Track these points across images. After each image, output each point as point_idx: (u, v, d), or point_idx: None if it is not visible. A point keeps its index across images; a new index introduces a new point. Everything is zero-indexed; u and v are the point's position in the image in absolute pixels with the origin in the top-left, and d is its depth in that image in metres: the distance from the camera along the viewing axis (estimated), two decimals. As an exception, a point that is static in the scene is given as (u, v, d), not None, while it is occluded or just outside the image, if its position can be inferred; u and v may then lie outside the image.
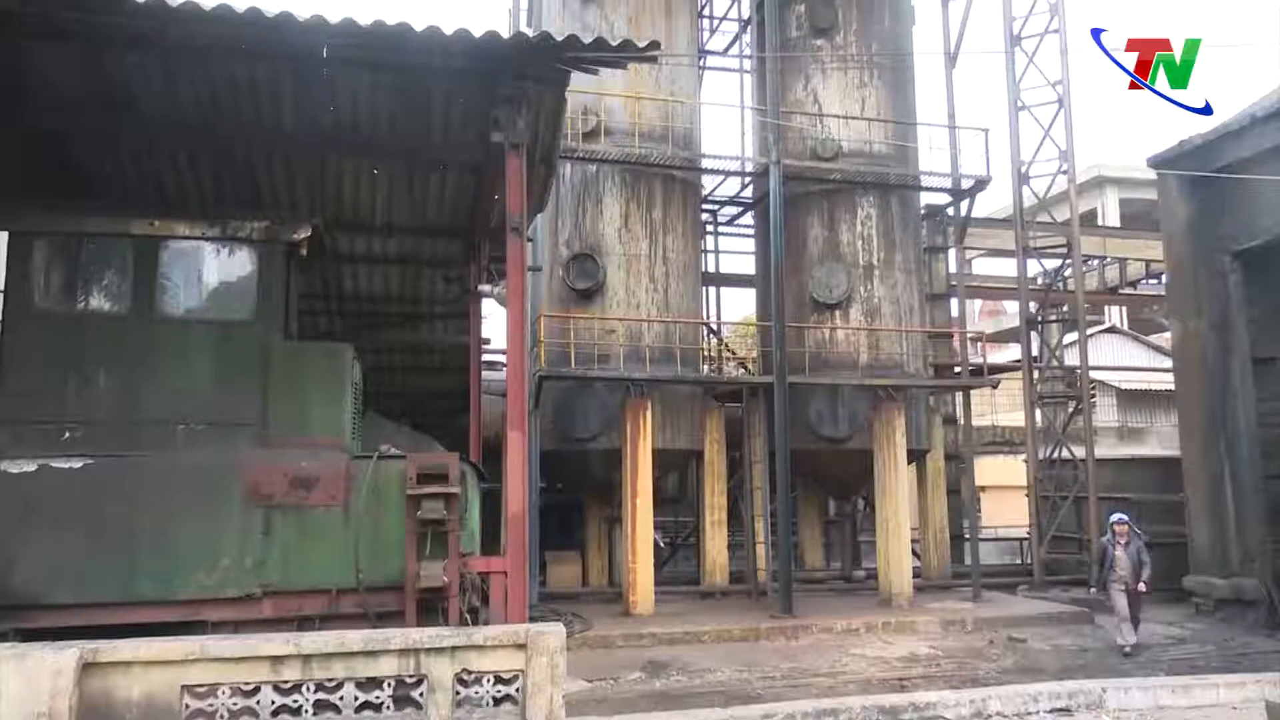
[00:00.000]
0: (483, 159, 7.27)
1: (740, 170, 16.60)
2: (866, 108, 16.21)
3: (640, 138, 14.96)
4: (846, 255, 15.83)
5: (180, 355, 6.27)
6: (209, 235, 6.47)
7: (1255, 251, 13.35)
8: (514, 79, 6.24)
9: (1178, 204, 14.76)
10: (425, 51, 5.93)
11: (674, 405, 14.94)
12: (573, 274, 14.91)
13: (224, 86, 6.53)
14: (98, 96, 6.56)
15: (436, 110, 6.99)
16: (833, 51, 16.39)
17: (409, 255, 9.96)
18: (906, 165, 16.37)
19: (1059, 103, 17.28)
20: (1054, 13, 17.25)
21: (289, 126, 7.08)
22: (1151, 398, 24.06)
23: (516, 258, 6.33)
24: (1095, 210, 31.62)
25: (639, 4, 15.61)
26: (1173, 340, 16.01)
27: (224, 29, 5.45)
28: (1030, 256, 18.23)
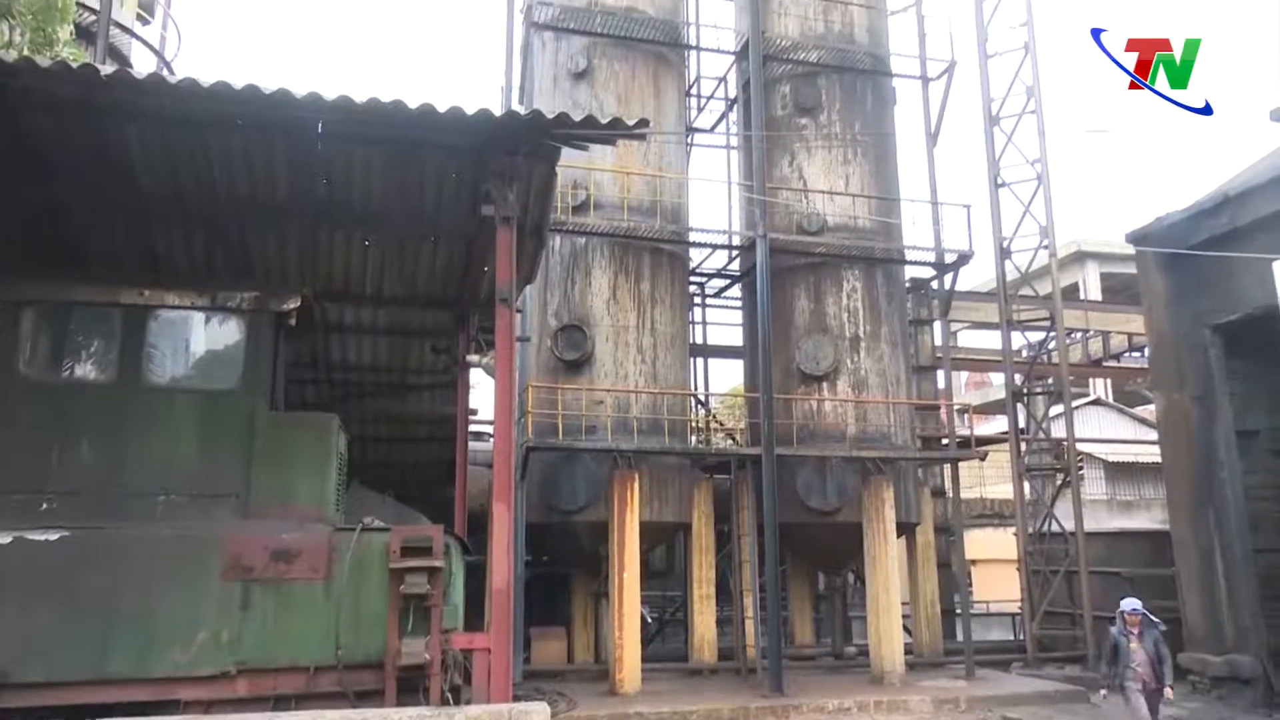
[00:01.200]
0: (473, 231, 7.36)
1: (728, 244, 16.83)
2: (851, 184, 16.55)
3: (629, 211, 15.19)
4: (833, 328, 15.96)
5: (165, 425, 6.22)
6: (198, 305, 6.48)
7: (1234, 325, 13.53)
8: (505, 154, 6.36)
9: (1157, 278, 15.01)
10: (419, 127, 6.05)
11: (662, 477, 14.85)
12: (561, 345, 14.96)
13: (220, 159, 6.63)
14: (96, 167, 6.64)
15: (429, 183, 7.11)
16: (817, 130, 16.80)
17: (398, 325, 9.99)
18: (891, 240, 16.65)
19: (1038, 180, 17.69)
20: (1030, 94, 17.78)
21: (283, 198, 7.17)
22: (1139, 470, 24.10)
23: (505, 329, 6.36)
24: (1077, 284, 32.12)
25: (628, 83, 16.02)
26: (1157, 413, 16.10)
27: (222, 105, 5.56)
28: (1014, 329, 18.43)
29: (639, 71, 16.19)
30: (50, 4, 8.01)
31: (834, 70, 17.00)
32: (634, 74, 16.12)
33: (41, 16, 7.99)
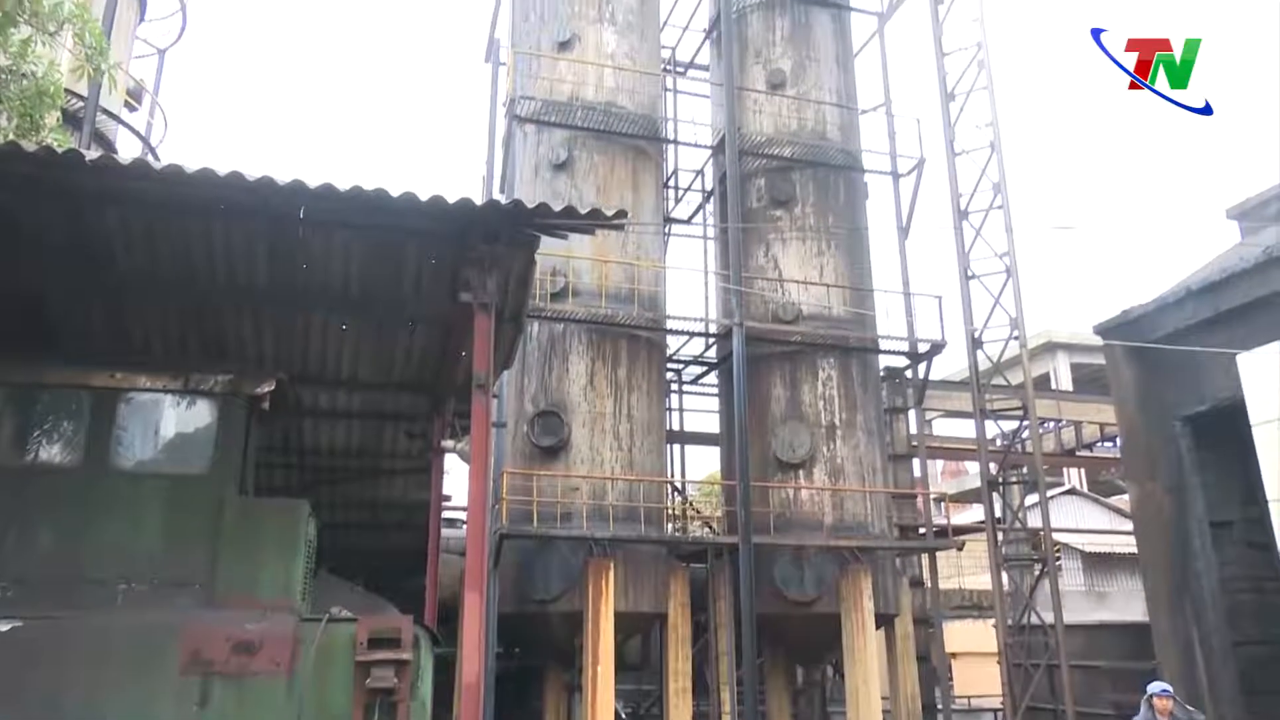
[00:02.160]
0: (451, 317, 7.38)
1: (704, 331, 17.01)
2: (825, 274, 16.88)
3: (607, 299, 15.35)
4: (809, 415, 16.03)
5: (129, 510, 6.07)
6: (170, 388, 6.41)
7: (1203, 416, 13.70)
8: (485, 242, 6.43)
9: (1125, 370, 15.25)
10: (401, 214, 6.12)
11: (637, 566, 14.62)
12: (537, 431, 14.89)
13: (201, 243, 6.65)
14: (74, 250, 6.64)
15: (408, 269, 7.15)
16: (791, 222, 17.21)
17: (373, 410, 9.91)
18: (865, 329, 16.90)
19: (1007, 273, 18.10)
20: (997, 190, 18.35)
21: (262, 283, 7.18)
22: (1116, 561, 24.03)
23: (481, 415, 6.33)
24: (1048, 374, 32.59)
25: (608, 174, 16.40)
26: (1132, 503, 16.15)
27: (205, 190, 5.61)
28: (988, 418, 18.58)
29: (618, 164, 16.60)
30: (40, 90, 8.13)
31: (807, 165, 17.53)
32: (613, 166, 16.52)
33: (30, 103, 8.10)
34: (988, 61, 18.50)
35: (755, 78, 18.21)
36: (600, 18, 17.30)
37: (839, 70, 18.81)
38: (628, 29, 17.52)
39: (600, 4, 17.38)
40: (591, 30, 17.17)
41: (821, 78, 18.40)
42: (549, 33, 17.18)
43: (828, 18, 19.01)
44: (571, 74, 16.80)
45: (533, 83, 16.71)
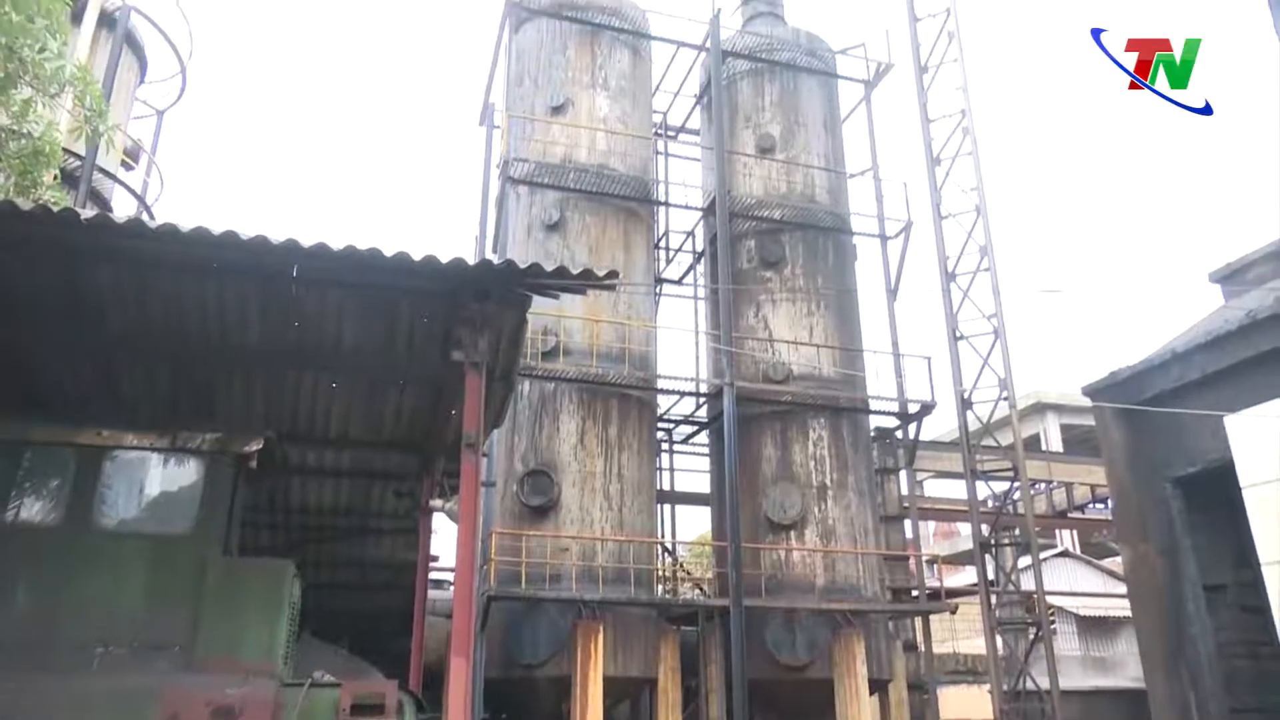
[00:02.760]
0: (442, 375, 7.39)
1: (695, 391, 17.04)
2: (815, 334, 16.99)
3: (598, 358, 15.39)
4: (800, 476, 15.98)
5: (110, 571, 5.98)
6: (157, 446, 6.37)
7: (1193, 478, 13.69)
8: (477, 301, 6.47)
9: (1115, 431, 15.27)
10: (394, 273, 6.17)
11: (627, 628, 14.39)
12: (527, 490, 14.78)
13: (193, 302, 6.67)
14: (66, 307, 6.65)
15: (400, 328, 7.18)
16: (781, 283, 17.38)
17: (361, 469, 9.85)
18: (855, 389, 16.95)
19: (995, 334, 18.24)
20: (983, 253, 18.59)
21: (253, 341, 7.19)
22: (1111, 625, 23.77)
23: (471, 475, 6.29)
24: (1038, 435, 32.63)
25: (600, 235, 16.58)
26: (1125, 566, 16.04)
27: (200, 249, 5.65)
28: (979, 479, 18.54)
29: (610, 224, 16.79)
30: (38, 150, 8.22)
31: (797, 227, 17.77)
32: (605, 227, 16.71)
33: (28, 162, 8.19)
34: (972, 128, 18.92)
35: (745, 142, 18.56)
36: (593, 83, 17.68)
37: (827, 135, 19.20)
38: (620, 94, 17.89)
39: (593, 70, 17.77)
40: (585, 95, 17.53)
41: (810, 142, 18.77)
42: (543, 97, 17.53)
43: (816, 84, 19.47)
44: (564, 137, 17.10)
45: (526, 145, 16.98)
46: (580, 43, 17.93)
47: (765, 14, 20.49)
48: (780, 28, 20.20)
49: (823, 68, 19.74)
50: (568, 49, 17.87)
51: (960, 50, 19.47)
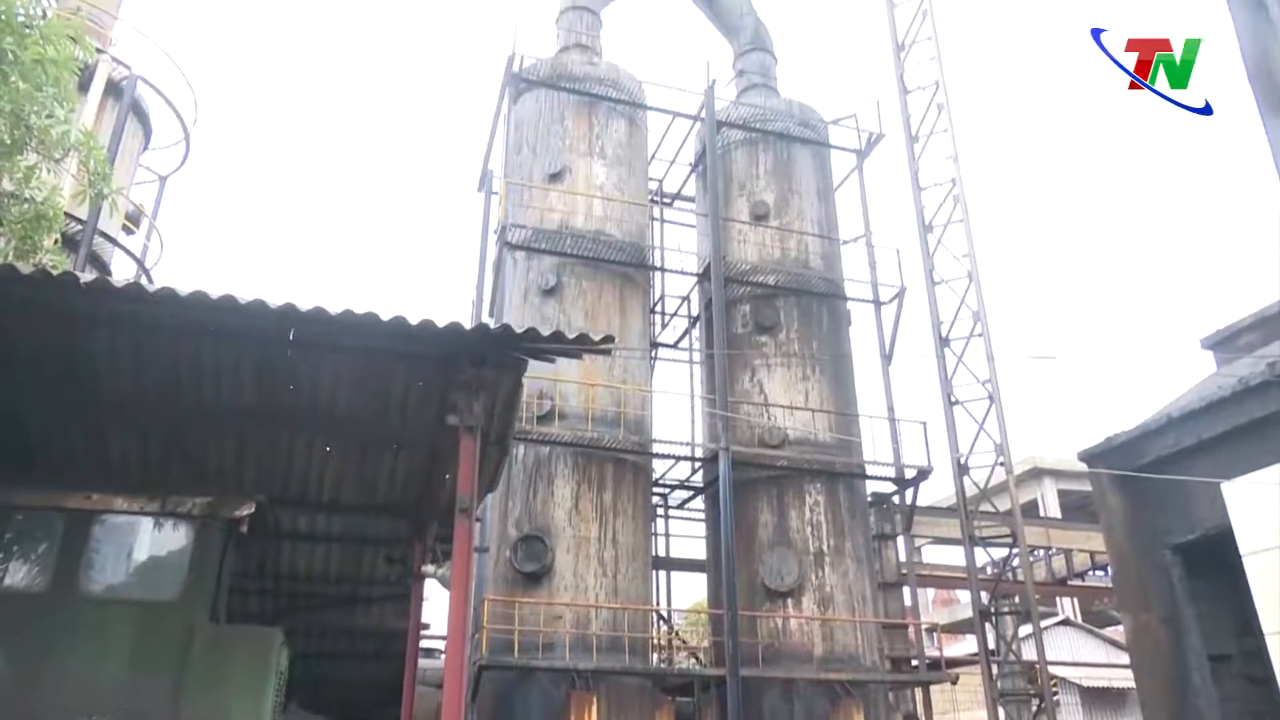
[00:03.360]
0: (437, 439, 7.36)
1: (690, 456, 16.96)
2: (810, 399, 16.99)
3: (593, 422, 15.35)
4: (796, 542, 15.82)
5: (96, 638, 5.86)
6: (147, 510, 6.31)
7: (1193, 545, 13.58)
8: (473, 365, 6.49)
9: (1113, 497, 15.19)
10: (390, 338, 6.19)
11: (621, 699, 14.07)
12: (520, 556, 14.60)
13: (189, 365, 6.68)
14: (61, 369, 6.65)
15: (395, 392, 7.18)
16: (776, 347, 17.45)
17: (353, 533, 9.73)
18: (851, 455, 16.89)
19: (990, 399, 18.26)
20: (977, 319, 18.72)
21: (247, 404, 7.17)
22: (1115, 696, 23.31)
23: (464, 541, 6.23)
24: (1036, 500, 32.43)
25: (596, 300, 16.69)
26: (1127, 636, 15.79)
27: (198, 313, 5.68)
28: (977, 545, 18.35)
29: (606, 289, 16.92)
30: (40, 215, 8.31)
31: (791, 292, 17.91)
32: (601, 292, 16.84)
33: (30, 226, 8.28)
34: (962, 196, 19.21)
35: (739, 209, 18.83)
36: (590, 151, 18.00)
37: (820, 202, 19.49)
38: (616, 162, 18.20)
39: (590, 139, 18.11)
40: (582, 163, 17.83)
41: (803, 209, 19.04)
42: (541, 165, 17.82)
43: (809, 153, 19.83)
44: (562, 204, 17.34)
45: (524, 211, 17.21)
46: (578, 112, 18.31)
47: (759, 85, 20.99)
48: (773, 99, 20.67)
49: (815, 137, 20.14)
50: (565, 118, 18.24)
51: (950, 121, 19.89)
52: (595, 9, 20.45)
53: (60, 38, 7.68)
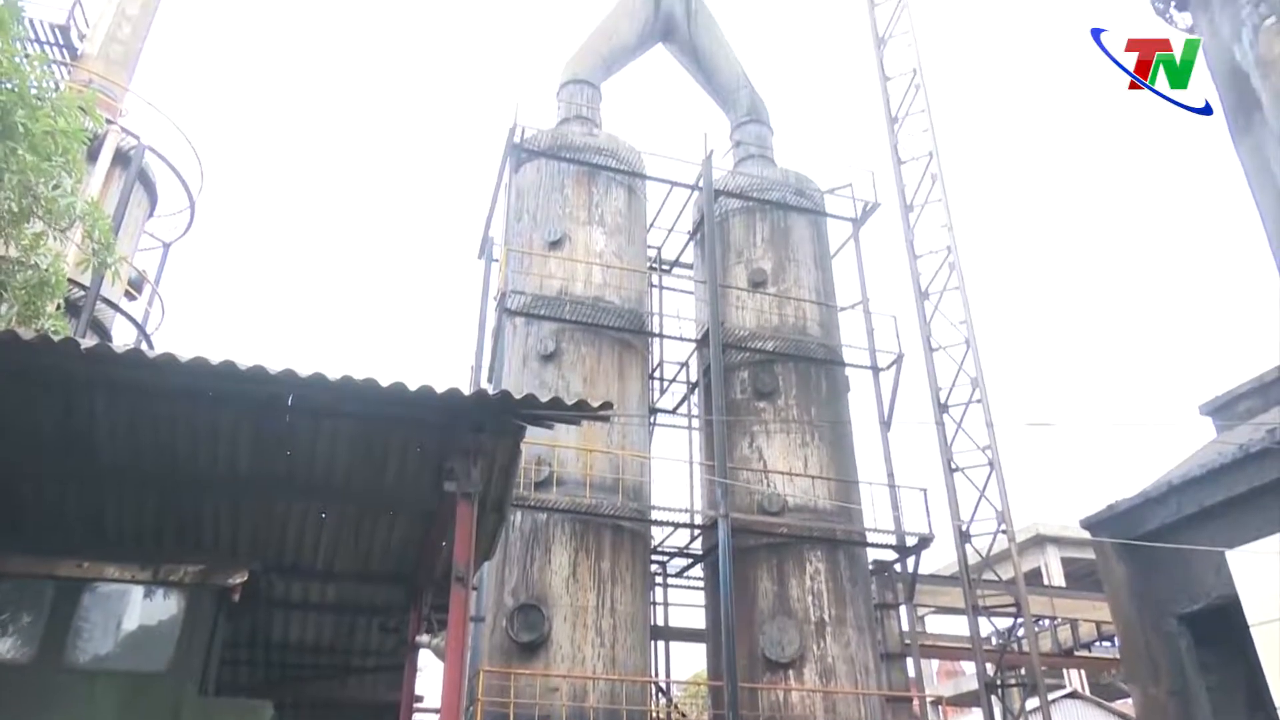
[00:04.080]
0: (433, 505, 7.31)
1: (689, 523, 16.80)
2: (809, 465, 16.90)
3: (591, 488, 15.25)
4: (797, 611, 15.57)
5: (82, 710, 5.73)
6: (139, 578, 6.23)
7: (1200, 615, 13.39)
8: (472, 431, 6.48)
9: (1117, 566, 15.02)
10: (388, 403, 6.20)
11: (619, 776, 13.69)
12: (517, 626, 14.35)
13: (185, 430, 6.67)
14: (57, 434, 6.63)
15: (393, 458, 7.15)
16: (775, 413, 17.43)
17: (347, 602, 9.59)
18: (852, 521, 16.74)
19: (990, 465, 18.18)
20: (975, 385, 18.75)
21: (243, 469, 7.14)
22: (1126, 773, 22.65)
23: (459, 610, 6.14)
24: (1039, 568, 32.02)
25: (594, 365, 16.74)
26: (1136, 709, 15.44)
27: (197, 379, 5.69)
28: (980, 615, 18.07)
29: (605, 355, 16.97)
30: (44, 281, 8.39)
31: (789, 359, 17.97)
32: (600, 357, 16.89)
33: (33, 292, 8.35)
34: (958, 264, 19.43)
35: (737, 276, 19.01)
36: (590, 219, 18.25)
37: (817, 270, 19.69)
38: (616, 230, 18.45)
39: (590, 207, 18.39)
40: (581, 231, 18.06)
41: (801, 276, 19.23)
42: (541, 232, 18.05)
43: (805, 222, 20.11)
44: (561, 270, 17.51)
45: (523, 278, 17.36)
46: (578, 182, 18.62)
47: (755, 156, 21.39)
48: (770, 169, 21.04)
49: (812, 206, 20.44)
50: (565, 187, 18.54)
51: (944, 191, 20.23)
52: (595, 82, 20.96)
53: (71, 109, 7.86)
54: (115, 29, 20.82)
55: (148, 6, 21.72)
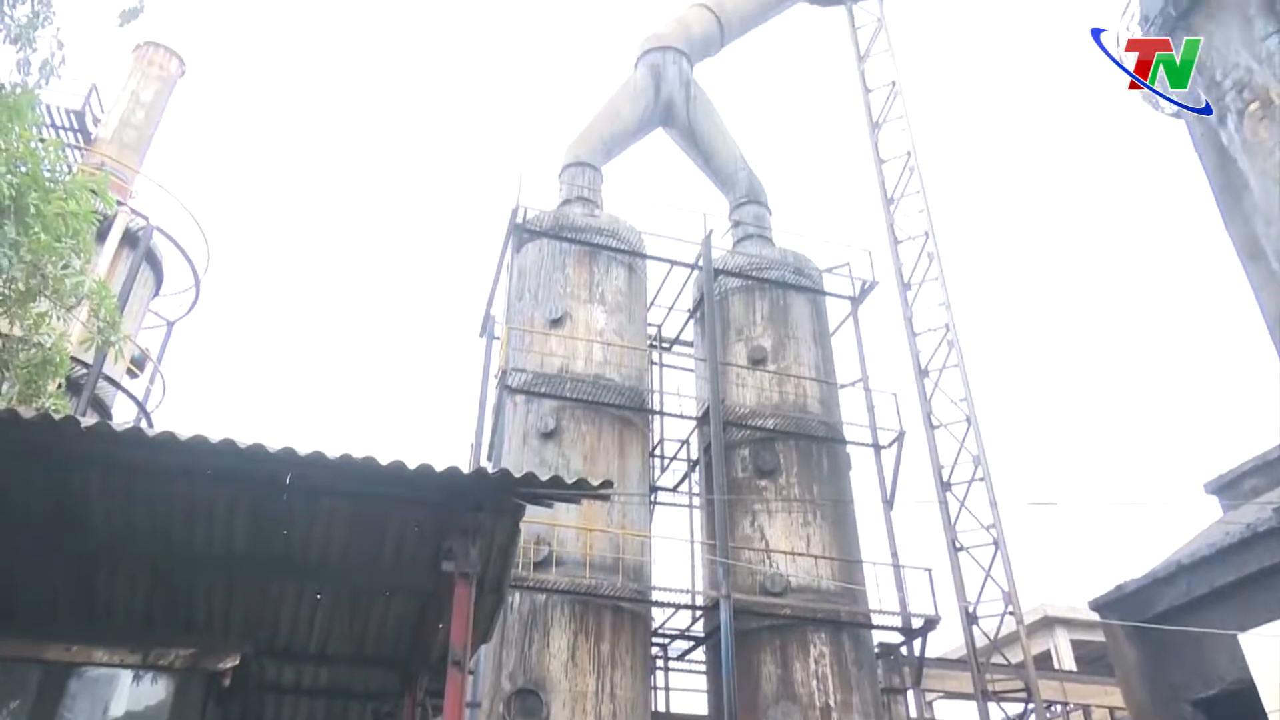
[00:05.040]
0: (430, 586, 7.20)
1: (691, 604, 16.50)
2: (812, 545, 16.68)
3: (591, 569, 15.03)
4: (801, 696, 15.16)
5: (61, 802, 5.54)
6: (128, 662, 6.09)
7: (1215, 700, 13.05)
8: (471, 510, 6.43)
9: (1128, 649, 14.70)
10: (387, 482, 6.16)
11: None
12: (514, 711, 13.96)
13: (182, 508, 6.61)
14: (50, 512, 6.57)
15: (390, 537, 7.08)
16: (776, 491, 17.29)
17: (340, 686, 9.34)
18: (856, 602, 16.45)
19: (995, 545, 17.94)
20: (977, 463, 18.65)
21: (239, 549, 7.06)
22: None
23: (455, 695, 5.99)
24: (1049, 651, 31.27)
25: (595, 443, 16.67)
26: (1154, 799, 14.91)
27: (197, 457, 5.67)
28: (989, 700, 17.59)
29: (605, 433, 16.93)
30: (47, 360, 8.43)
31: (791, 436, 17.91)
32: (600, 435, 16.84)
33: (35, 371, 8.38)
34: (956, 341, 19.55)
35: (737, 353, 19.09)
36: (591, 298, 18.43)
37: (817, 347, 19.78)
38: (616, 308, 18.61)
39: (591, 286, 18.59)
40: (582, 309, 18.22)
41: (801, 354, 19.31)
42: (542, 311, 18.21)
43: (804, 300, 20.29)
44: (562, 348, 17.59)
45: (525, 356, 17.44)
46: (579, 261, 18.86)
47: (754, 235, 21.72)
48: (768, 248, 21.34)
49: (810, 285, 20.65)
50: (567, 267, 18.77)
51: (940, 269, 20.49)
52: (596, 165, 21.42)
53: (83, 192, 8.02)
54: (129, 114, 21.43)
55: (161, 93, 22.40)
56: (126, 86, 21.95)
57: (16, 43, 7.67)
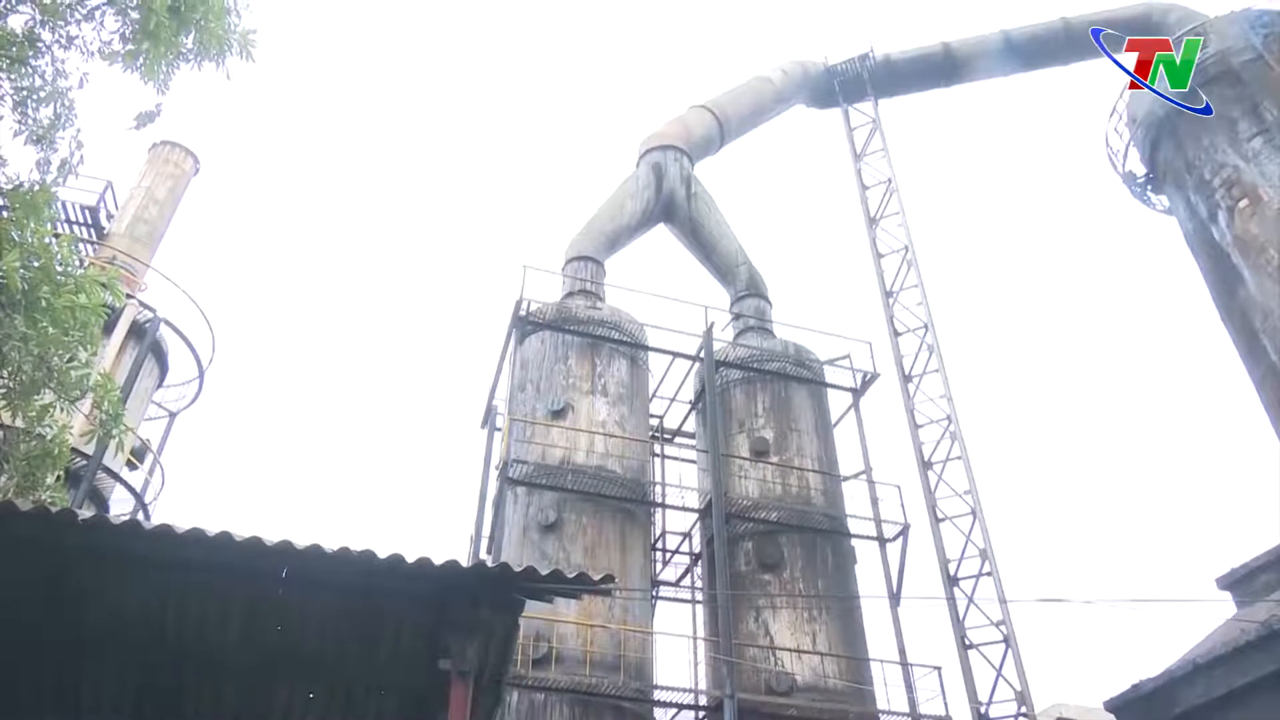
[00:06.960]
0: (426, 684, 7.02)
1: (694, 704, 16.01)
2: (818, 641, 16.28)
3: (592, 666, 14.63)
4: (810, 803, 14.56)
5: None
6: (112, 764, 5.89)
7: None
8: (469, 605, 6.32)
9: (1147, 752, 14.20)
10: (385, 576, 6.08)
11: None
12: (510, 820, 13.41)
13: (176, 600, 6.52)
14: (42, 604, 6.47)
15: (386, 633, 6.94)
16: (780, 586, 16.97)
17: (330, 794, 9.00)
18: (864, 702, 15.93)
19: (1005, 642, 17.52)
20: (984, 557, 18.37)
21: (232, 643, 6.92)
22: None
23: (449, 801, 5.77)
24: (1066, 757, 30.13)
25: (596, 536, 16.45)
26: None
27: (193, 550, 5.62)
28: (1008, 809, 16.88)
29: (607, 525, 16.73)
30: (47, 452, 8.40)
31: (794, 529, 17.67)
32: (602, 528, 16.64)
33: (35, 463, 8.34)
34: (959, 433, 19.51)
35: (740, 445, 19.01)
36: (593, 390, 18.47)
37: (819, 439, 19.71)
38: (618, 400, 18.63)
39: (593, 378, 18.65)
40: (584, 401, 18.24)
41: (803, 446, 19.22)
42: (544, 402, 18.22)
43: (806, 392, 20.32)
44: (564, 440, 17.53)
45: (526, 447, 17.38)
46: (581, 353, 18.98)
47: (755, 328, 21.91)
48: (770, 340, 21.50)
49: (811, 376, 20.72)
50: (569, 358, 18.88)
51: (940, 362, 20.61)
52: (599, 258, 21.78)
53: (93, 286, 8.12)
54: (143, 210, 21.94)
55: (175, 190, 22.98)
56: (141, 183, 22.53)
57: (39, 143, 7.90)
